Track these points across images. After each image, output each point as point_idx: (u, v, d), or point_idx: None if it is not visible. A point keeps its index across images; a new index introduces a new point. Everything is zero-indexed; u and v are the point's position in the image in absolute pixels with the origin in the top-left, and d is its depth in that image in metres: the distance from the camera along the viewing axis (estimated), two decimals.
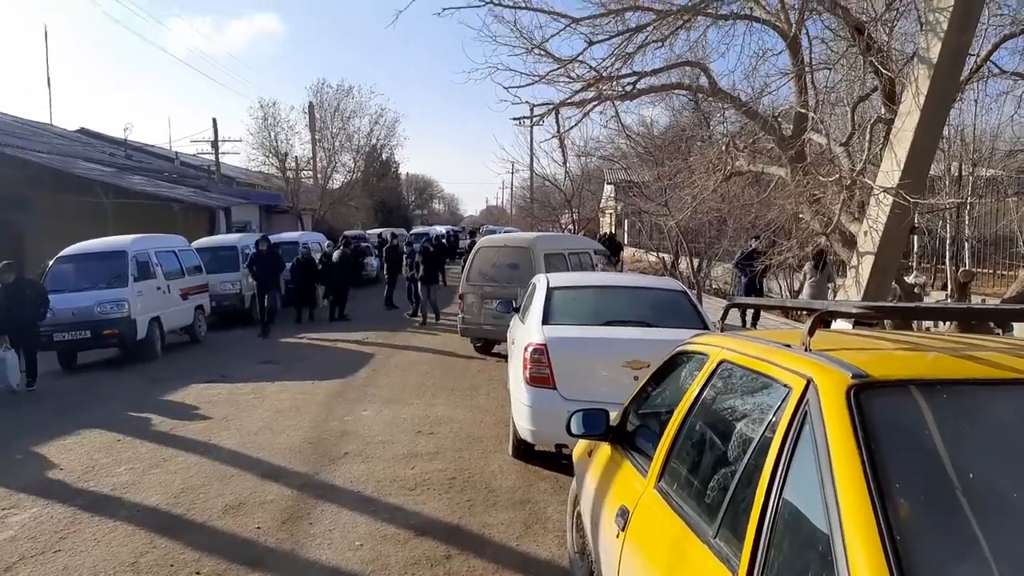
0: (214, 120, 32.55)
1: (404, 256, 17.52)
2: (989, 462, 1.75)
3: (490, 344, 11.82)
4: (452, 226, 53.98)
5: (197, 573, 4.36)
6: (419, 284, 15.71)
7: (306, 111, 35.95)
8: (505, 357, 9.00)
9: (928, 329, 8.91)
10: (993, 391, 1.92)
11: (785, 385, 2.09)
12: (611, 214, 35.52)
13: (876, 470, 1.61)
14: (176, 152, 36.81)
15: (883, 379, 1.89)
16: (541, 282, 7.26)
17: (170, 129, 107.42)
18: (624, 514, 2.83)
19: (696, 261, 16.43)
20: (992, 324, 4.86)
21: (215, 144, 32.72)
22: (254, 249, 14.93)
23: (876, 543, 1.47)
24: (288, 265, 16.38)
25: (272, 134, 34.31)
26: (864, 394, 1.82)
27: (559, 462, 6.16)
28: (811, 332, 2.20)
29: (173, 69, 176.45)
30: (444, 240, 29.72)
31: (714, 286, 19.89)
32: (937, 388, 1.87)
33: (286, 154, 34.64)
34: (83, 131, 36.26)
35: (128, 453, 6.79)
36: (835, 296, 10.92)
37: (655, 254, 23.70)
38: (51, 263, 12.02)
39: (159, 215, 20.00)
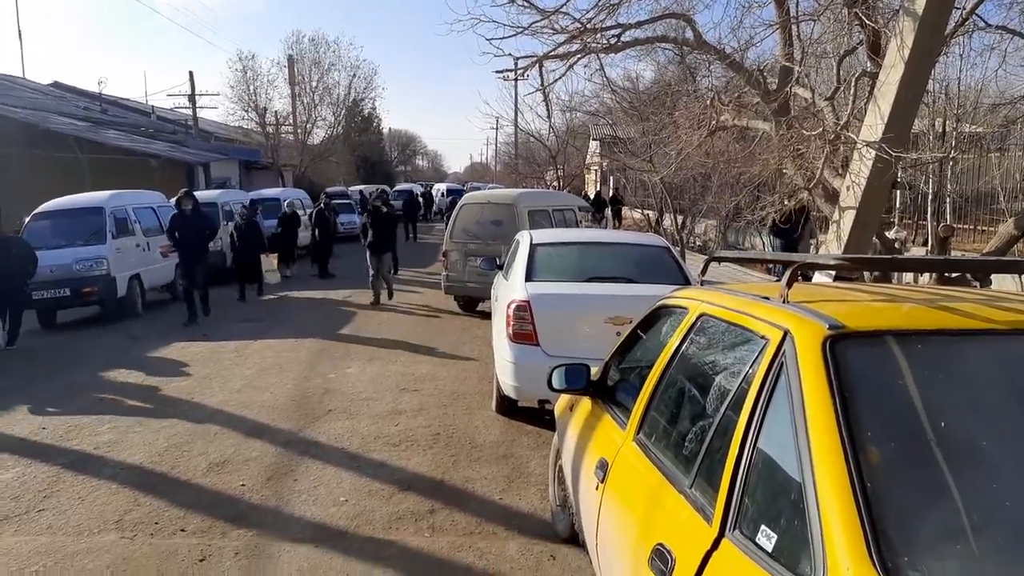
0: (191, 73, 31.90)
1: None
2: (961, 411, 1.77)
3: (474, 301, 11.81)
4: (425, 183, 53.38)
5: (182, 530, 4.39)
6: (367, 253, 12.75)
7: (285, 65, 35.29)
8: (489, 314, 9.00)
9: (908, 283, 8.99)
10: (967, 341, 1.94)
11: (762, 337, 2.10)
12: (596, 170, 35.34)
13: (849, 419, 1.63)
14: (152, 106, 36.13)
15: (859, 330, 1.90)
16: (524, 239, 7.23)
17: (146, 83, 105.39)
18: (603, 466, 2.86)
19: (680, 218, 16.39)
20: (970, 277, 4.91)
21: (192, 98, 32.12)
22: (175, 209, 11.58)
23: (847, 489, 1.49)
24: (230, 226, 14.64)
25: (251, 88, 33.79)
26: (840, 344, 1.83)
27: (542, 418, 6.21)
28: (789, 284, 2.20)
29: (149, 20, 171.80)
30: (418, 197, 28.37)
31: (697, 243, 19.91)
32: (912, 339, 1.89)
33: (265, 109, 34.10)
34: (56, 84, 35.46)
35: (110, 412, 6.76)
36: (816, 251, 10.97)
37: (639, 211, 23.67)
38: (27, 220, 11.82)
39: (136, 171, 19.72)
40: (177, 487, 5.03)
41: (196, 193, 13.04)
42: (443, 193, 40.36)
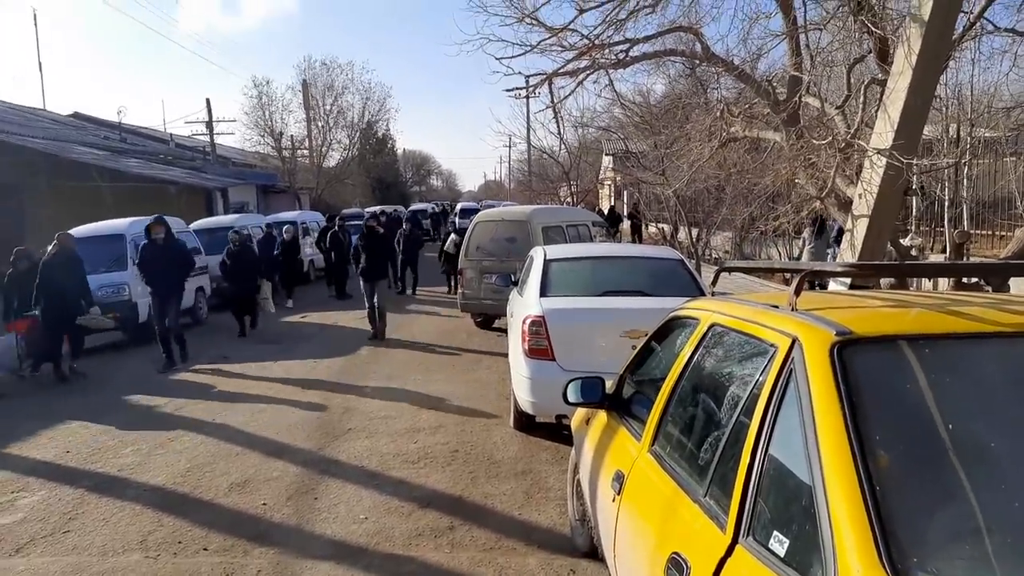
0: (208, 100, 32.33)
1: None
2: (969, 413, 1.78)
3: (490, 319, 11.86)
4: (441, 201, 52.58)
5: (204, 549, 4.44)
6: (360, 281, 11.64)
7: (299, 89, 35.76)
8: (505, 331, 9.04)
9: (926, 289, 8.92)
10: (974, 344, 1.95)
11: (772, 344, 2.12)
12: (610, 185, 35.39)
13: (858, 423, 1.65)
14: (171, 134, 36.66)
15: (866, 335, 1.92)
16: (538, 254, 7.28)
17: (164, 111, 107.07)
18: (620, 478, 2.88)
19: (695, 231, 16.39)
20: (983, 282, 4.89)
21: (209, 124, 32.57)
22: (144, 239, 10.34)
23: (856, 493, 1.51)
24: (219, 259, 12.96)
25: (267, 113, 34.27)
26: (847, 350, 1.85)
27: (560, 433, 6.21)
28: (797, 292, 2.22)
29: (166, 49, 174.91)
30: (426, 218, 26.78)
31: (713, 255, 19.88)
32: (919, 343, 1.90)
33: (281, 133, 34.55)
34: (76, 115, 36.11)
35: (134, 435, 6.86)
36: (835, 261, 10.93)
37: (655, 225, 23.67)
38: (50, 248, 12.00)
39: (156, 198, 20.01)
40: (199, 507, 5.09)
41: (214, 219, 13.04)
42: (457, 214, 39.66)
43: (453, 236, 16.02)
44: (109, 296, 11.28)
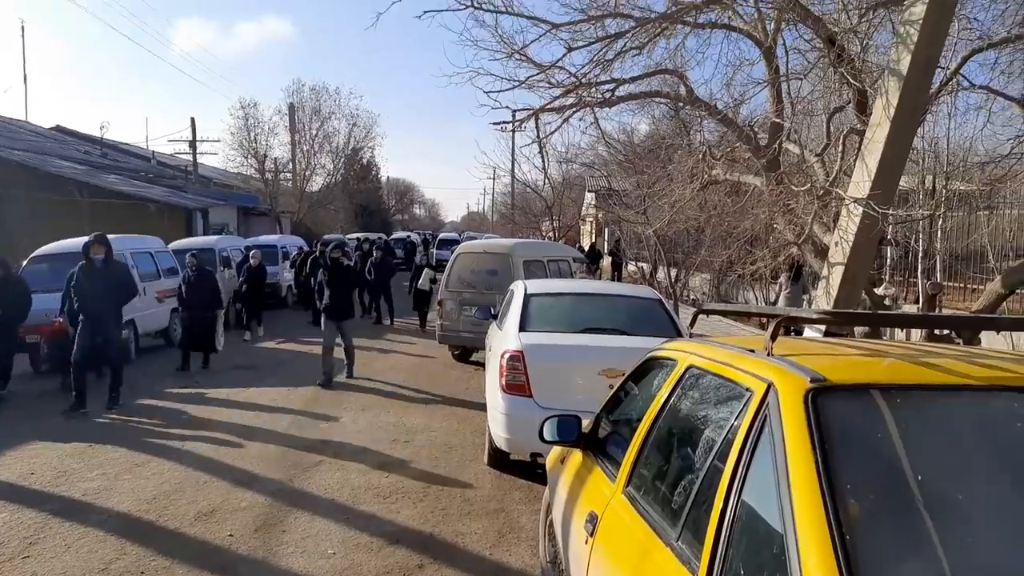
0: (192, 119, 32.30)
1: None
2: (940, 465, 1.80)
3: (468, 352, 11.82)
4: (423, 231, 52.01)
5: None
6: (322, 318, 10.42)
7: (286, 113, 35.84)
8: (483, 365, 9.01)
9: (899, 340, 9.05)
10: (946, 396, 1.98)
11: (747, 388, 2.14)
12: (591, 222, 35.67)
13: (830, 471, 1.66)
14: (153, 151, 36.58)
15: (840, 383, 1.94)
16: (519, 289, 7.29)
17: (147, 128, 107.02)
18: (593, 520, 2.86)
19: (674, 271, 16.53)
20: (954, 334, 4.97)
21: (193, 144, 32.52)
22: (81, 259, 9.13)
23: (826, 542, 1.51)
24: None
25: (252, 135, 34.16)
26: (821, 397, 1.87)
27: (534, 471, 6.16)
28: (773, 337, 2.25)
29: (154, 68, 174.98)
30: (401, 246, 24.04)
31: (691, 296, 20.03)
32: (892, 392, 1.93)
33: (265, 155, 34.48)
34: (59, 128, 35.94)
35: (100, 458, 6.71)
36: (809, 307, 11.05)
37: (634, 264, 23.83)
38: (25, 263, 11.85)
39: (135, 215, 19.86)
40: (165, 536, 4.98)
41: (194, 239, 12.76)
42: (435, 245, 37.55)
43: (428, 272, 15.72)
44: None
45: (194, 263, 11.42)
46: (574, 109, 9.29)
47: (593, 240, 31.13)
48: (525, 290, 7.07)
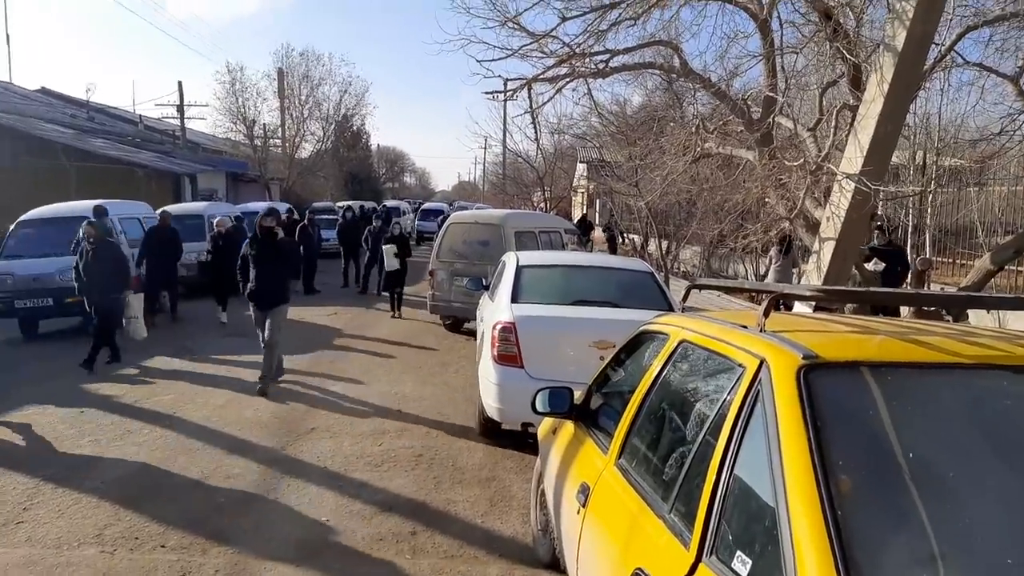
0: (180, 83, 31.84)
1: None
2: (930, 441, 1.84)
3: (460, 322, 11.85)
4: (415, 199, 50.77)
5: (162, 546, 4.37)
6: (250, 306, 8.25)
7: (275, 78, 35.38)
8: (474, 335, 9.04)
9: (881, 314, 9.14)
10: (936, 374, 2.01)
11: (740, 365, 2.17)
12: (583, 193, 35.60)
13: (821, 447, 1.70)
14: (140, 115, 36.03)
15: (832, 360, 1.97)
16: (511, 260, 7.30)
17: (134, 92, 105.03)
18: (585, 491, 2.91)
19: (665, 243, 16.56)
20: (943, 312, 5.03)
21: (180, 108, 32.08)
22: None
23: (818, 516, 1.55)
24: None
25: (240, 100, 33.72)
26: (813, 374, 1.90)
27: (525, 441, 6.23)
28: (766, 314, 2.27)
29: (139, 28, 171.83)
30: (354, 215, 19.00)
31: (682, 268, 20.09)
32: (883, 370, 1.96)
33: (254, 121, 34.09)
34: (44, 91, 35.34)
35: (92, 425, 6.73)
36: (799, 281, 11.12)
37: (626, 236, 23.84)
38: (12, 227, 11.74)
39: (123, 180, 19.67)
40: (158, 502, 5.01)
41: (184, 205, 12.58)
42: (417, 215, 36.04)
43: (389, 247, 12.97)
44: (71, 279, 10.99)
45: (92, 234, 9.04)
46: (567, 79, 9.24)
47: (584, 212, 31.08)
48: (517, 261, 7.08)
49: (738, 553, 1.76)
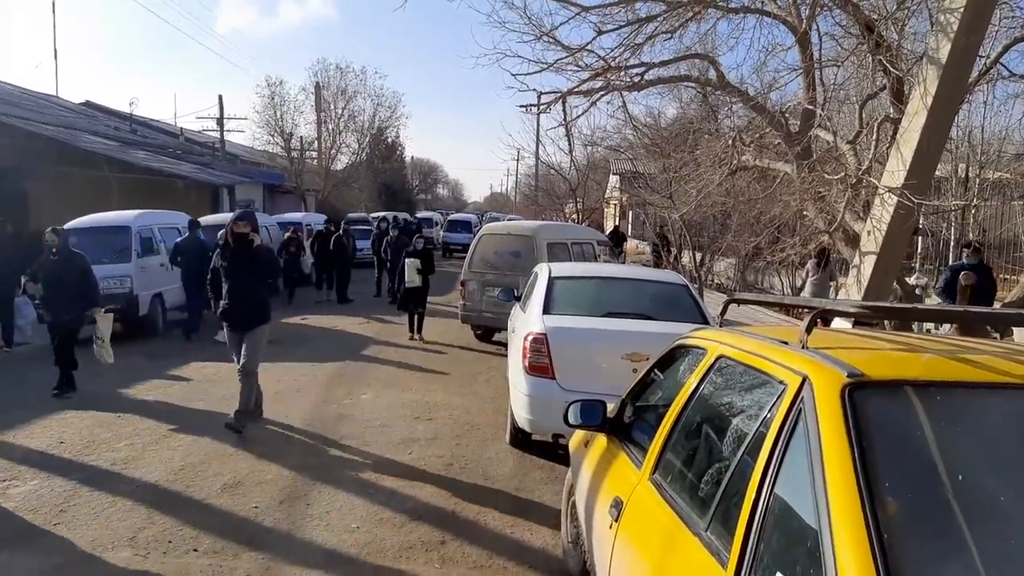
0: (220, 97, 32.48)
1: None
2: (979, 464, 1.77)
3: (490, 332, 11.85)
4: (445, 211, 50.91)
5: (195, 550, 4.41)
6: (224, 326, 7.13)
7: (312, 91, 35.93)
8: (505, 345, 9.03)
9: (928, 331, 8.93)
10: (986, 395, 1.94)
11: (781, 382, 2.12)
12: (616, 205, 35.47)
13: (867, 469, 1.64)
14: (181, 128, 36.78)
15: (878, 379, 1.91)
16: (543, 271, 7.28)
17: (175, 105, 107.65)
18: (618, 505, 2.86)
19: (699, 255, 16.39)
20: (990, 328, 4.89)
21: (220, 121, 32.69)
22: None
23: (864, 541, 1.50)
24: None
25: (278, 113, 34.35)
26: (859, 393, 1.85)
27: (555, 452, 6.20)
28: (808, 330, 2.22)
29: (183, 45, 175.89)
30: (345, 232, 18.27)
31: (716, 281, 19.87)
32: (931, 390, 1.90)
33: (291, 133, 34.65)
34: (88, 104, 36.22)
35: (128, 429, 6.84)
36: (836, 295, 10.93)
37: (671, 247, 23.51)
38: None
39: (163, 191, 20.04)
40: (192, 506, 5.07)
41: (221, 216, 12.66)
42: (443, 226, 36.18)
43: (411, 261, 12.08)
44: (111, 287, 11.25)
45: (55, 242, 8.05)
46: (602, 93, 9.22)
47: (616, 223, 30.94)
48: (549, 273, 7.06)
49: (778, 574, 1.72)
